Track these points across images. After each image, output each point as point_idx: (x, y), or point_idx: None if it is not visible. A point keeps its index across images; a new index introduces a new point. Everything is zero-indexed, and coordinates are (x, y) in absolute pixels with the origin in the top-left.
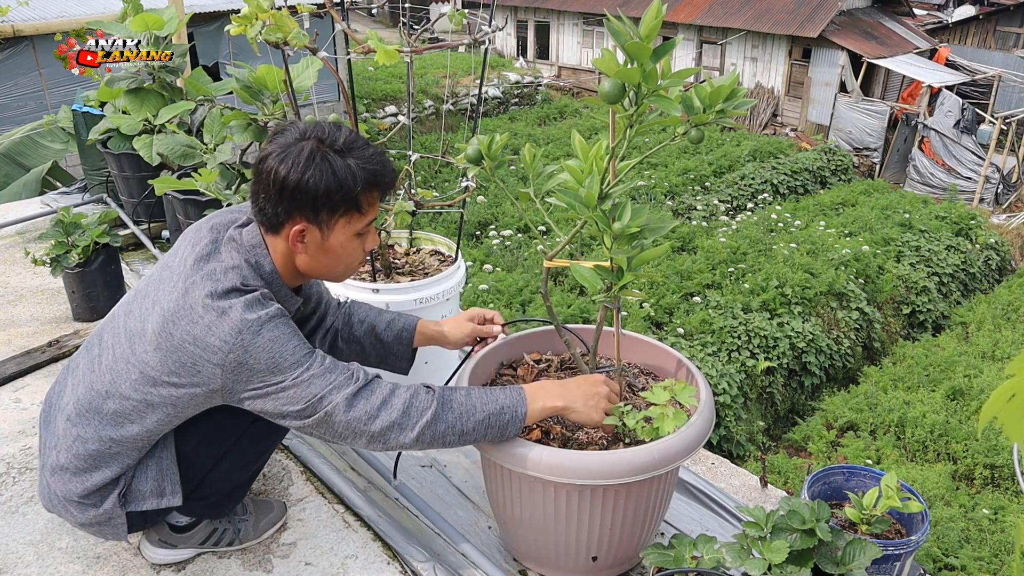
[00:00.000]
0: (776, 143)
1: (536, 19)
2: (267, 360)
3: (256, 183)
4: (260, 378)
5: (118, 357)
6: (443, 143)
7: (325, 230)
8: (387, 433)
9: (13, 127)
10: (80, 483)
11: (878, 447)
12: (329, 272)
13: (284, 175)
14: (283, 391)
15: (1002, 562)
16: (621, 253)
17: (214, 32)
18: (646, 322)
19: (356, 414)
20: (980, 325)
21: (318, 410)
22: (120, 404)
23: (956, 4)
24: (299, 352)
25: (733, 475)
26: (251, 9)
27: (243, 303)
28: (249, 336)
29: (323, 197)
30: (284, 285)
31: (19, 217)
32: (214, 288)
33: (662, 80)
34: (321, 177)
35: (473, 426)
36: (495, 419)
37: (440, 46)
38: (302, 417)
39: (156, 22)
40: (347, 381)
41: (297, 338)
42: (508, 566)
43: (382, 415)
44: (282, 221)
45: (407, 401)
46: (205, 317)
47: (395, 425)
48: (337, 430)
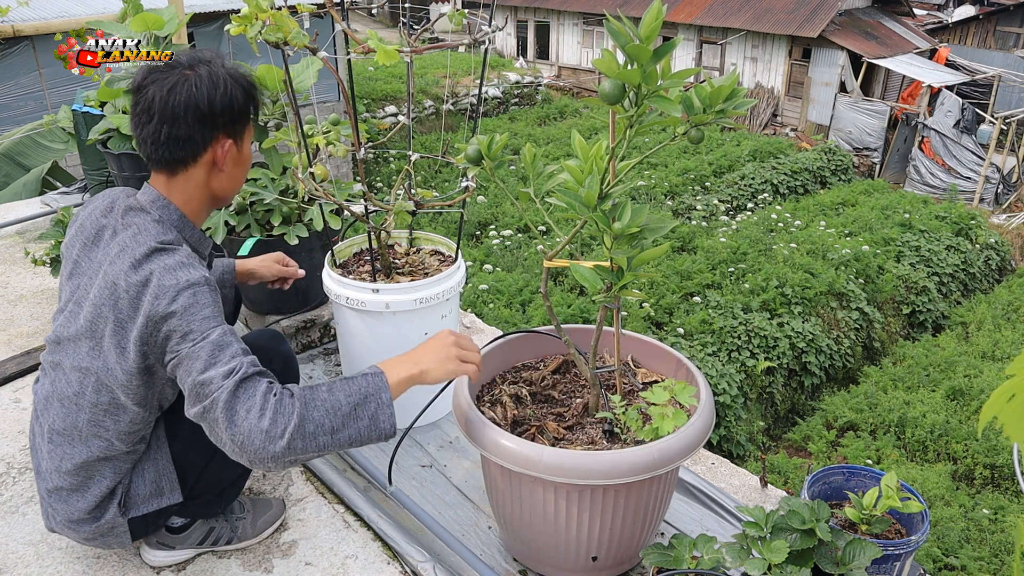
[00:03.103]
0: (776, 143)
1: (536, 19)
2: (177, 325)
3: (162, 123)
4: (171, 347)
5: (70, 370)
6: (443, 143)
7: (239, 142)
8: (254, 440)
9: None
10: (80, 500)
11: (878, 447)
12: (236, 186)
13: (207, 97)
14: (181, 360)
15: (1002, 562)
16: (621, 253)
17: (214, 32)
18: (646, 322)
19: (236, 415)
20: (980, 325)
21: (205, 394)
22: (91, 413)
23: (956, 4)
24: (208, 323)
25: (733, 475)
26: (251, 9)
27: (163, 266)
28: (165, 304)
29: (242, 108)
30: (195, 227)
31: (19, 217)
32: (133, 254)
33: (662, 80)
34: (235, 89)
35: (342, 421)
36: (362, 409)
37: (440, 46)
38: (196, 400)
39: (156, 22)
40: (229, 369)
41: (210, 307)
42: (508, 566)
43: (251, 419)
44: (205, 144)
45: (274, 406)
46: (131, 289)
47: (263, 432)
48: (220, 430)
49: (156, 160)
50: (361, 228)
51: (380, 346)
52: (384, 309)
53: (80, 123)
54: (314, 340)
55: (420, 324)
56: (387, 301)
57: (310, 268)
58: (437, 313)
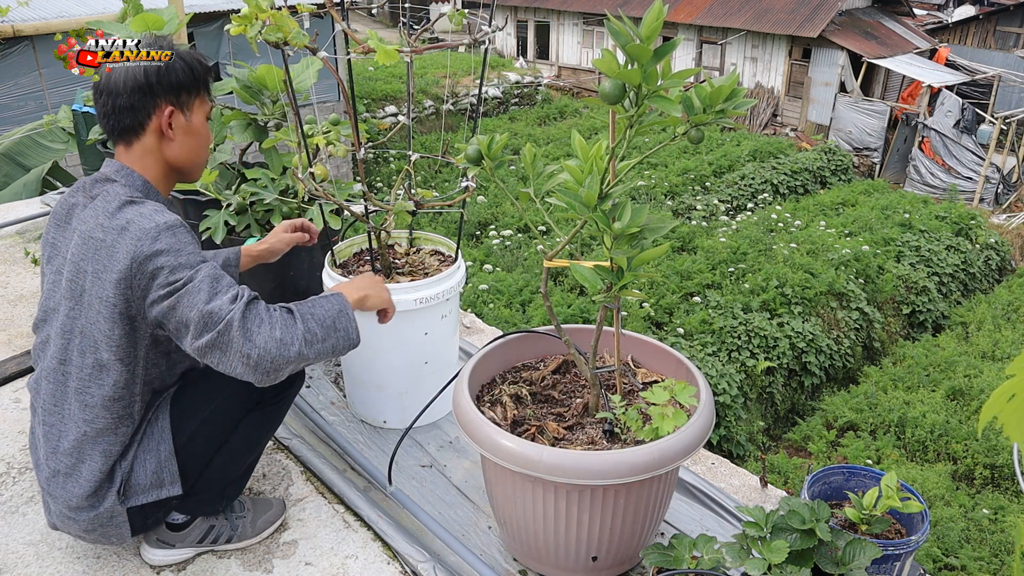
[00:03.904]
0: (776, 143)
1: (536, 19)
2: (164, 263)
3: (109, 96)
4: (159, 286)
5: (56, 337)
6: (443, 143)
7: (187, 112)
8: (271, 351)
9: (13, 127)
10: (75, 484)
11: (878, 447)
12: (196, 157)
13: (144, 70)
14: (178, 296)
15: (1002, 562)
16: (621, 253)
17: (214, 32)
18: (646, 322)
19: (251, 332)
20: (980, 325)
21: (216, 321)
22: (77, 380)
23: (956, 4)
24: (194, 258)
25: (733, 475)
26: (251, 9)
27: (138, 213)
28: (148, 243)
29: (183, 80)
30: (159, 194)
31: (19, 217)
32: (106, 208)
33: (662, 80)
34: (175, 63)
35: (326, 332)
36: (339, 322)
37: (440, 46)
38: (202, 331)
39: (156, 22)
40: (233, 297)
41: (192, 245)
42: (508, 566)
43: (272, 332)
44: (150, 112)
45: (280, 319)
46: (107, 238)
47: (278, 342)
48: (240, 349)
49: (110, 132)
50: (361, 228)
51: (380, 346)
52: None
53: (80, 123)
54: None
55: (420, 324)
56: None
57: (310, 268)
58: (437, 313)
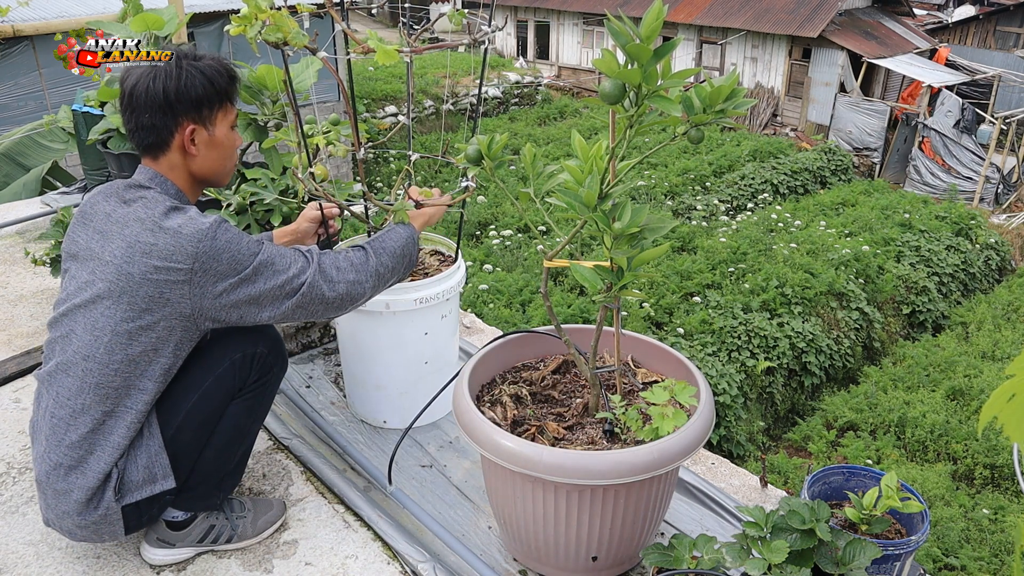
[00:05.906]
0: (776, 143)
1: (536, 19)
2: (228, 259)
3: (133, 113)
4: (227, 277)
5: (82, 332)
6: (443, 143)
7: (210, 126)
8: (352, 291)
9: (13, 127)
10: (79, 477)
11: (878, 447)
12: (221, 167)
13: (163, 88)
14: (251, 280)
15: (1002, 562)
16: (621, 253)
17: (214, 32)
18: (646, 322)
19: (333, 280)
20: (980, 325)
21: (297, 286)
22: (100, 376)
23: (956, 4)
24: (252, 243)
25: (733, 475)
26: (251, 9)
27: (187, 217)
28: (208, 242)
29: (203, 95)
30: (191, 202)
31: (19, 217)
32: (152, 215)
33: (662, 80)
34: (195, 79)
35: (397, 262)
36: (407, 249)
37: (440, 46)
38: (285, 298)
39: (156, 22)
40: (304, 258)
41: (244, 234)
42: (508, 566)
43: (347, 276)
44: (172, 130)
45: (355, 260)
46: (159, 242)
47: (352, 283)
48: (323, 299)
49: (137, 146)
50: (361, 228)
51: (380, 346)
52: (384, 309)
53: (80, 123)
54: (314, 340)
55: (420, 324)
56: (387, 301)
57: None
58: (437, 313)
